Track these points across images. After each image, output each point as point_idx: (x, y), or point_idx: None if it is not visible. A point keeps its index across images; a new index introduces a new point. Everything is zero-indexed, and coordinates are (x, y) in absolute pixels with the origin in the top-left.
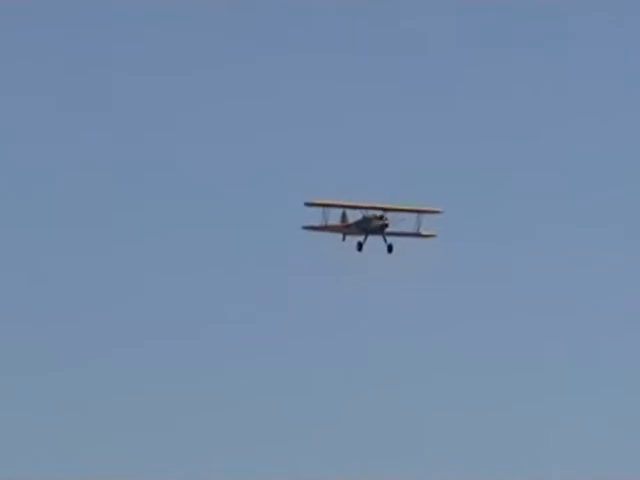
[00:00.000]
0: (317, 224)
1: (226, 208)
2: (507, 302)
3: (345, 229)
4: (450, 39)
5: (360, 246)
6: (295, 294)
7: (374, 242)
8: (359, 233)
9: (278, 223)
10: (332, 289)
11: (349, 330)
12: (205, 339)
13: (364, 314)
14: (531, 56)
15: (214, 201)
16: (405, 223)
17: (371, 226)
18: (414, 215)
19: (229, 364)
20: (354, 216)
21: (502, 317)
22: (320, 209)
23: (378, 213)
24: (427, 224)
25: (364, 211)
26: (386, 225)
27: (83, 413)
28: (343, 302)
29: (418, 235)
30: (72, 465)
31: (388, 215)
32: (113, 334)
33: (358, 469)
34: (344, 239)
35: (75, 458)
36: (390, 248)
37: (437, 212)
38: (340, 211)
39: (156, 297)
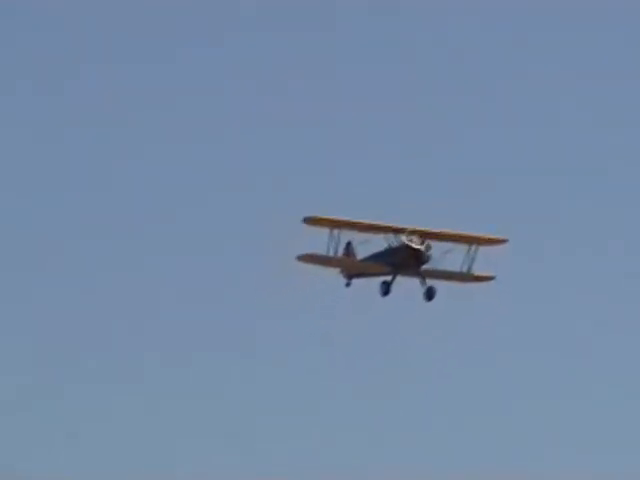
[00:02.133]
0: (320, 253)
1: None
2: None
3: (352, 269)
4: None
5: (387, 288)
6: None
7: (404, 284)
8: (384, 270)
9: (262, 247)
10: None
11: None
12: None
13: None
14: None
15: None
16: (448, 258)
17: (404, 258)
18: (464, 246)
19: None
20: (367, 248)
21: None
22: (326, 230)
23: (414, 239)
24: (482, 260)
25: (391, 236)
26: (428, 257)
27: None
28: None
29: (469, 277)
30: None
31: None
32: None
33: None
34: (348, 284)
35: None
36: (430, 293)
37: (500, 242)
38: (345, 239)
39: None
